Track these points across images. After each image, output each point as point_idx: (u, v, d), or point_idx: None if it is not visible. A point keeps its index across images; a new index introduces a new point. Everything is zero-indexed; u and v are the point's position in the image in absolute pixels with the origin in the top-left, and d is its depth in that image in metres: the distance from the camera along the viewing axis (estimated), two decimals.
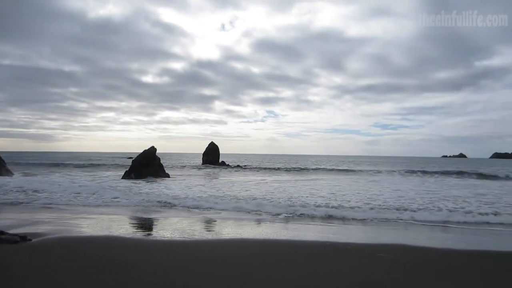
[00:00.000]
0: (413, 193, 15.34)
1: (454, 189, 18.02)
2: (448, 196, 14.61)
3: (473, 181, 24.34)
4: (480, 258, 5.91)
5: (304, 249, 6.28)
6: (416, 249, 6.38)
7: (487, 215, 9.87)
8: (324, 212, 10.11)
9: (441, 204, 11.70)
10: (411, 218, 9.43)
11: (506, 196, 14.97)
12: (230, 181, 21.12)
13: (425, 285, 4.39)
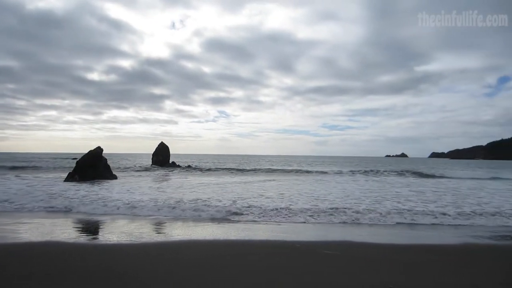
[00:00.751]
0: (358, 192, 16.09)
1: (397, 187, 19.20)
2: (391, 194, 15.57)
3: (413, 179, 26.07)
4: (417, 250, 6.39)
5: (255, 249, 6.36)
6: (361, 245, 6.77)
7: (426, 213, 10.59)
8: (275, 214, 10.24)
9: (386, 202, 12.45)
10: (358, 217, 9.86)
11: (444, 194, 16.19)
12: (178, 183, 20.64)
13: (362, 275, 4.68)
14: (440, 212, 10.52)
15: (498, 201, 13.49)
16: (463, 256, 6.18)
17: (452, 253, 6.35)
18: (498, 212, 10.66)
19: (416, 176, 28.75)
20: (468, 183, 22.62)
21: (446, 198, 14.12)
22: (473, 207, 11.63)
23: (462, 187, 19.95)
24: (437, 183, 22.47)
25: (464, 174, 32.86)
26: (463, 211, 10.88)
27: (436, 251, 6.51)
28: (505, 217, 10.00)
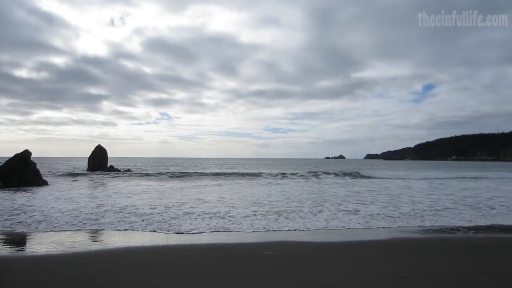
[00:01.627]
0: (297, 194, 16.61)
1: (334, 188, 20.13)
2: (330, 195, 16.28)
3: (350, 179, 27.45)
4: (349, 247, 6.76)
5: (194, 253, 6.33)
6: (299, 244, 7.02)
7: (362, 212, 11.22)
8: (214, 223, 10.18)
9: (326, 203, 12.92)
10: (299, 217, 10.15)
11: (378, 194, 17.26)
12: (114, 188, 19.35)
13: (300, 273, 4.88)
14: (375, 212, 11.24)
15: (425, 199, 14.69)
16: (393, 250, 6.66)
17: (384, 248, 6.81)
18: (425, 210, 11.63)
19: (355, 177, 30.19)
20: (400, 183, 24.39)
21: (380, 198, 15.04)
22: (404, 206, 12.58)
23: (392, 186, 21.44)
24: (371, 183, 23.97)
25: (397, 174, 35.16)
26: (395, 209, 11.77)
27: (370, 246, 6.96)
28: (430, 215, 10.90)
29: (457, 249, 6.79)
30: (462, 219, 10.07)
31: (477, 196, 16.06)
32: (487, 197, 15.41)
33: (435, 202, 13.47)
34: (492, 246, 7.07)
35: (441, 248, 6.87)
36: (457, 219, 9.97)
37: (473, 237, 7.89)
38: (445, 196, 15.74)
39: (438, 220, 9.87)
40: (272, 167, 55.76)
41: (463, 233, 8.27)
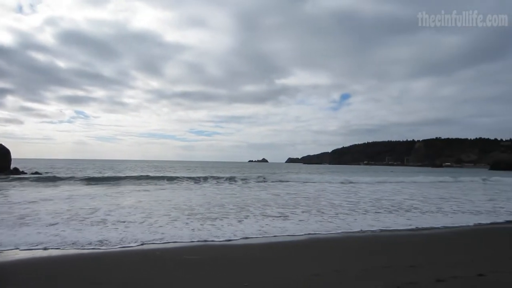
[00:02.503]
0: (219, 197, 16.66)
1: (255, 191, 20.58)
2: (252, 198, 16.65)
3: (272, 183, 28.23)
4: (268, 249, 7.01)
5: (112, 260, 6.08)
6: (220, 247, 7.10)
7: (282, 214, 11.67)
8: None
9: (250, 207, 13.07)
10: (224, 222, 10.17)
11: (298, 197, 18.01)
12: (11, 196, 16.05)
13: (221, 276, 4.96)
14: (294, 213, 11.83)
15: (343, 202, 15.70)
16: (308, 249, 7.08)
17: (301, 248, 7.19)
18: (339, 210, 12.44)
19: (275, 181, 31.05)
20: (318, 186, 25.77)
21: (300, 201, 15.70)
22: (325, 209, 13.30)
23: (310, 189, 22.57)
24: (289, 186, 24.97)
25: (316, 178, 36.99)
26: (314, 209, 12.51)
27: (287, 247, 7.29)
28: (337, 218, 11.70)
29: (367, 247, 7.41)
30: (377, 219, 10.88)
31: (387, 198, 17.63)
32: (401, 199, 17.11)
33: (354, 205, 14.38)
34: (400, 243, 7.83)
35: (352, 246, 7.43)
36: (372, 221, 10.66)
37: (382, 235, 8.64)
38: (361, 199, 16.95)
39: (357, 221, 10.57)
40: (195, 170, 55.11)
41: (371, 233, 8.99)
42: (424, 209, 13.39)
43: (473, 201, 16.68)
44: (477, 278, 5.02)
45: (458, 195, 20.46)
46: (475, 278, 5.02)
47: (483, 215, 12.36)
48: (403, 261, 5.95)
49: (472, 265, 5.71)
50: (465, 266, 5.68)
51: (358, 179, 34.44)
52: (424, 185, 30.16)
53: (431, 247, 7.36)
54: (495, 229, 9.96)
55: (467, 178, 40.70)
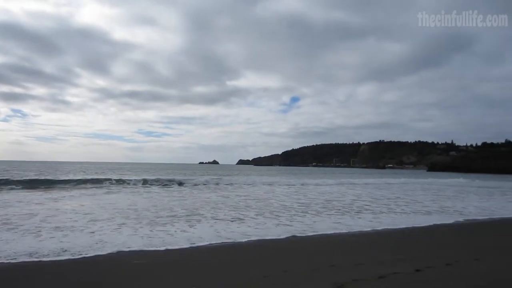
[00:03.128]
0: (167, 200, 16.30)
1: (205, 193, 20.36)
2: (202, 202, 16.42)
3: (223, 186, 28.08)
4: (216, 251, 6.96)
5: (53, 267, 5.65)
6: (167, 252, 6.88)
7: (233, 217, 11.58)
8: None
9: (201, 211, 12.85)
10: (174, 227, 9.90)
11: (249, 199, 18.01)
12: None
13: (169, 280, 4.87)
14: (247, 216, 11.86)
15: (294, 204, 15.94)
16: (258, 251, 7.12)
17: (249, 251, 7.23)
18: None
19: (227, 184, 30.95)
20: (267, 188, 26.06)
21: (251, 203, 15.74)
22: (278, 211, 13.45)
23: (258, 191, 22.77)
24: (240, 188, 25.03)
25: (266, 180, 37.36)
26: (266, 211, 12.63)
27: (237, 250, 7.29)
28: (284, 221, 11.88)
29: (316, 247, 7.60)
30: (338, 221, 11.11)
31: (336, 199, 18.21)
32: (350, 200, 17.77)
33: (305, 207, 14.64)
34: (348, 242, 8.10)
35: (301, 247, 7.57)
36: (330, 223, 10.85)
37: (331, 236, 8.89)
38: (311, 201, 17.34)
39: (306, 223, 10.76)
40: (143, 172, 53.33)
41: (320, 234, 9.22)
42: (376, 210, 13.96)
43: (422, 202, 17.78)
44: (415, 273, 5.36)
45: (404, 195, 21.73)
46: (413, 273, 5.36)
47: (433, 215, 13.23)
48: (349, 260, 6.16)
49: (412, 262, 6.05)
50: (405, 263, 6.01)
51: (321, 181, 35.49)
52: (371, 186, 31.67)
53: (376, 246, 7.69)
54: (440, 227, 10.57)
55: (421, 180, 43.38)
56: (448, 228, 10.46)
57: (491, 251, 7.20)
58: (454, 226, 10.86)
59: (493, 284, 4.96)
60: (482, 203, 17.82)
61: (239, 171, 77.07)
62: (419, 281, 5.02)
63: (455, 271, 5.55)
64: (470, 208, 15.55)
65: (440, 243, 8.27)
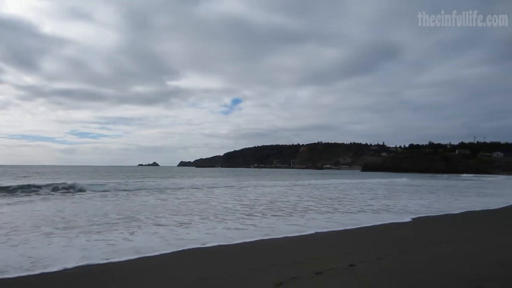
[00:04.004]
0: (100, 204, 15.48)
1: (142, 196, 19.67)
2: (139, 206, 15.86)
3: (165, 188, 27.28)
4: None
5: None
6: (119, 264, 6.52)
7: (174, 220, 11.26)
8: None
9: (140, 216, 12.53)
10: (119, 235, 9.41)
11: (188, 201, 17.72)
12: None
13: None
14: (192, 220, 11.69)
15: (238, 206, 15.96)
16: (196, 256, 7.05)
17: (187, 255, 7.09)
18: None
19: (169, 187, 30.14)
20: (208, 191, 25.85)
21: (193, 207, 15.48)
22: (222, 214, 13.36)
23: (199, 194, 22.50)
24: (179, 190, 24.57)
25: (206, 182, 37.08)
26: (211, 215, 12.53)
27: (170, 257, 7.12)
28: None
29: (258, 249, 7.71)
30: (291, 223, 11.27)
31: (279, 200, 18.57)
32: (294, 201, 18.01)
33: (250, 209, 14.71)
34: (290, 242, 8.31)
35: (243, 249, 7.63)
36: (283, 226, 10.95)
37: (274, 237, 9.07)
38: (255, 202, 17.51)
39: (260, 224, 10.88)
40: (76, 175, 50.19)
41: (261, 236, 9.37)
42: (322, 210, 14.33)
43: (365, 201, 18.77)
44: (349, 268, 5.68)
45: (344, 195, 22.76)
46: (347, 268, 5.67)
47: (379, 213, 13.98)
48: (287, 259, 6.34)
49: (346, 258, 6.38)
50: (341, 259, 6.33)
51: (263, 182, 35.82)
52: (316, 186, 32.77)
53: (315, 245, 7.99)
54: (377, 226, 11.11)
55: (365, 180, 45.59)
56: (386, 225, 11.11)
57: (415, 245, 7.82)
58: (390, 225, 11.56)
59: (413, 272, 5.41)
60: (417, 201, 19.33)
61: (180, 173, 75.68)
62: (352, 275, 5.33)
63: (383, 264, 5.97)
64: (410, 205, 16.83)
65: (376, 238, 8.83)
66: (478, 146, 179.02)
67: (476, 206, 17.00)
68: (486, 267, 5.66)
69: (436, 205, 17.03)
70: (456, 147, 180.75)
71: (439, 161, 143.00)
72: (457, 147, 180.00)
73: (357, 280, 5.08)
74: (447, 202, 18.85)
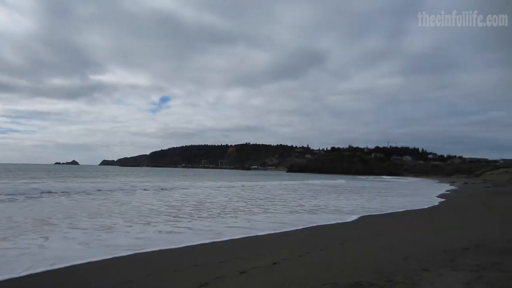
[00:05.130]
0: (3, 207, 13.99)
1: (55, 197, 18.16)
2: (51, 208, 14.59)
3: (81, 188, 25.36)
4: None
5: None
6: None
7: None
8: None
9: (53, 220, 11.51)
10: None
11: (108, 201, 16.75)
12: None
13: None
14: (115, 224, 11.05)
15: (163, 207, 15.46)
16: (128, 260, 6.74)
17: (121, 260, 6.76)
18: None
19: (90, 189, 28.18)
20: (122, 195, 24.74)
21: (114, 208, 14.83)
22: (150, 217, 12.80)
23: (121, 196, 21.48)
24: (98, 191, 23.15)
25: (136, 181, 35.44)
26: (135, 217, 11.99)
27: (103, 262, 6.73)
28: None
29: (180, 250, 7.59)
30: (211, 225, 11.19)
31: (208, 201, 18.39)
32: (224, 202, 17.83)
33: (177, 210, 14.39)
34: (215, 245, 8.30)
35: (164, 253, 7.47)
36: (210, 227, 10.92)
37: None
38: (182, 203, 17.15)
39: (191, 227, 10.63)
40: None
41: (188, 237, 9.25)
42: (253, 211, 14.39)
43: (296, 201, 19.25)
44: (272, 266, 5.89)
45: (273, 196, 23.27)
46: (270, 266, 5.88)
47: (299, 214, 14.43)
48: (213, 260, 6.38)
49: (270, 257, 6.59)
50: (265, 258, 6.52)
51: (190, 182, 35.06)
52: (246, 187, 33.03)
53: (241, 246, 8.10)
54: (305, 228, 11.48)
55: (298, 181, 46.67)
56: (313, 226, 11.58)
57: (334, 242, 8.35)
58: (317, 226, 12.13)
59: (331, 267, 5.79)
60: (346, 201, 20.49)
61: (102, 172, 71.36)
62: (275, 272, 5.54)
63: (304, 261, 6.29)
64: (342, 205, 17.81)
65: (300, 238, 9.25)
66: (391, 150, 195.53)
67: (398, 205, 18.47)
68: (394, 260, 6.24)
69: (368, 205, 18.29)
70: (372, 150, 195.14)
71: (357, 163, 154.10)
72: (373, 150, 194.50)
73: (279, 277, 5.29)
74: (366, 201, 20.42)
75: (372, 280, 4.74)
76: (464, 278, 4.61)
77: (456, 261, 5.57)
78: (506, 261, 5.46)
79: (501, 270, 4.97)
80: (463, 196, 27.41)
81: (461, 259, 5.77)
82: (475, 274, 4.78)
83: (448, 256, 5.99)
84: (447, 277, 4.70)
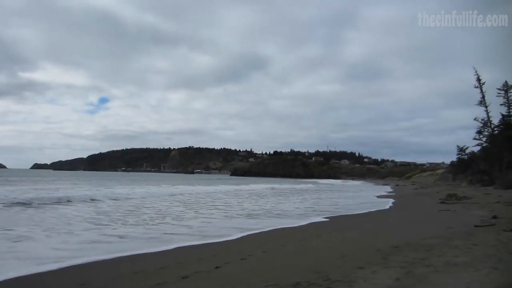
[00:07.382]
0: None
1: None
2: None
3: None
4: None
5: None
6: None
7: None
8: None
9: None
10: None
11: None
12: None
13: None
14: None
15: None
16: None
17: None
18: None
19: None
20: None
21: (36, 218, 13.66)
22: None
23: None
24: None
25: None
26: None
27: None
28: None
29: (114, 262, 7.28)
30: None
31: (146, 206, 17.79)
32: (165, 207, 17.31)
33: (106, 216, 13.82)
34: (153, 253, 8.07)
35: (100, 263, 7.14)
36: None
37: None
38: (115, 209, 16.43)
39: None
40: None
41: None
42: (192, 216, 14.30)
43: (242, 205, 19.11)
44: (215, 270, 5.88)
45: (213, 200, 23.03)
46: (213, 270, 5.86)
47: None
48: (153, 267, 6.21)
49: (213, 260, 6.55)
50: (207, 262, 6.47)
51: (130, 187, 33.48)
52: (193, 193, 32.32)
53: (181, 252, 7.91)
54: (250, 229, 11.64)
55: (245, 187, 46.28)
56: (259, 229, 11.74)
57: (274, 245, 8.51)
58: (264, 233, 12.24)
59: (272, 269, 5.91)
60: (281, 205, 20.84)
61: (32, 177, 66.10)
62: (218, 276, 5.52)
63: (247, 264, 6.35)
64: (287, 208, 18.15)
65: (242, 241, 9.30)
66: (330, 154, 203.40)
67: (341, 208, 19.25)
68: (332, 260, 6.50)
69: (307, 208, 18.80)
70: (312, 154, 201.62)
71: (298, 167, 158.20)
72: (314, 154, 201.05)
73: (222, 280, 5.28)
74: (294, 203, 21.03)
75: (311, 280, 4.90)
76: (394, 274, 4.93)
77: (387, 259, 5.93)
78: (431, 257, 5.94)
79: (426, 265, 5.39)
80: (396, 197, 29.29)
81: (392, 256, 6.16)
82: (404, 270, 5.13)
83: (380, 254, 6.36)
84: (379, 274, 4.99)
